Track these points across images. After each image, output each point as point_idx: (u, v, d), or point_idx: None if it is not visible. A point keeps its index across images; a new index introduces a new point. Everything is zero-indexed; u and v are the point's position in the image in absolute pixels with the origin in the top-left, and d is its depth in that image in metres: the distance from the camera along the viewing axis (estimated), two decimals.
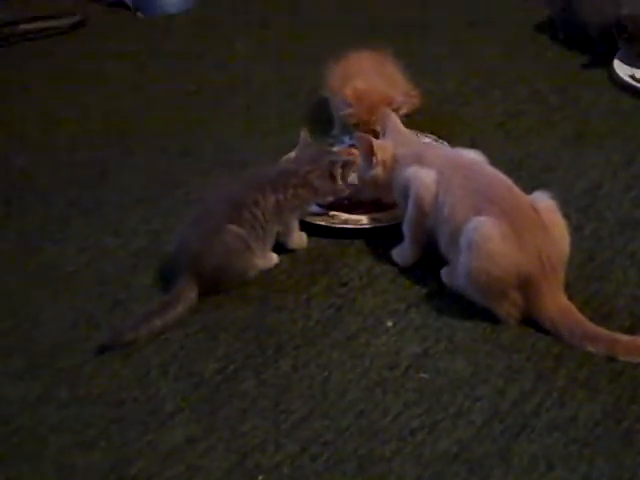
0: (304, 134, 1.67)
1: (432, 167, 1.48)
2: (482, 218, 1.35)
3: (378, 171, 1.57)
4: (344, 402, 1.29)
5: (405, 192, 1.51)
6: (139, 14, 2.79)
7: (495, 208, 1.36)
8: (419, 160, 1.52)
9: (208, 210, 1.54)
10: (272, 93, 2.24)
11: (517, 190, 1.42)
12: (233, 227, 1.50)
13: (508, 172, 1.74)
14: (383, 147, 1.57)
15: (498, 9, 2.55)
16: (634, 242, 1.55)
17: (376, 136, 1.71)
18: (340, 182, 1.59)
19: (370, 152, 1.57)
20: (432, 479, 1.16)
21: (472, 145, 1.84)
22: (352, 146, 1.86)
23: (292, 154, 1.74)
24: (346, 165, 1.60)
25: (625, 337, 1.31)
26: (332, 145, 1.89)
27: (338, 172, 1.59)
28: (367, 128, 1.81)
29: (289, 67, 2.35)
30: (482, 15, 2.53)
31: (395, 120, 1.65)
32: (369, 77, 1.88)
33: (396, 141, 1.60)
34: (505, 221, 1.34)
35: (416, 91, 2.01)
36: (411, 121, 1.93)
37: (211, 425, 1.27)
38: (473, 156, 1.52)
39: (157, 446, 1.25)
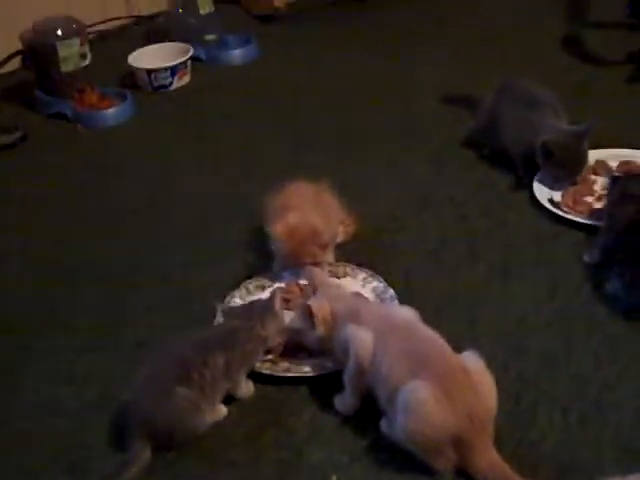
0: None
1: (369, 326, 1.60)
2: (417, 382, 1.46)
3: (320, 330, 1.67)
4: None
5: (345, 348, 1.62)
6: (79, 127, 2.86)
7: (429, 372, 1.48)
8: (356, 317, 1.63)
9: (158, 371, 1.62)
10: (213, 215, 2.32)
11: (449, 351, 1.54)
12: (182, 390, 1.58)
13: (441, 306, 1.89)
14: (321, 307, 1.68)
15: (428, 121, 2.68)
16: (557, 383, 1.68)
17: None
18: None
19: (310, 315, 1.67)
20: None
21: (406, 277, 2.00)
22: (292, 283, 1.97)
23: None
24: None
25: None
26: (271, 280, 1.99)
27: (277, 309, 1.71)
28: (298, 262, 1.94)
29: (229, 183, 2.46)
30: (413, 127, 2.66)
31: (321, 275, 1.78)
32: (304, 210, 1.99)
33: (330, 297, 1.71)
34: (438, 385, 1.46)
35: (351, 219, 2.14)
36: (346, 250, 2.06)
37: None
38: (406, 314, 1.64)
39: None
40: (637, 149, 2.35)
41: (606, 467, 1.48)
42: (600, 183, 2.24)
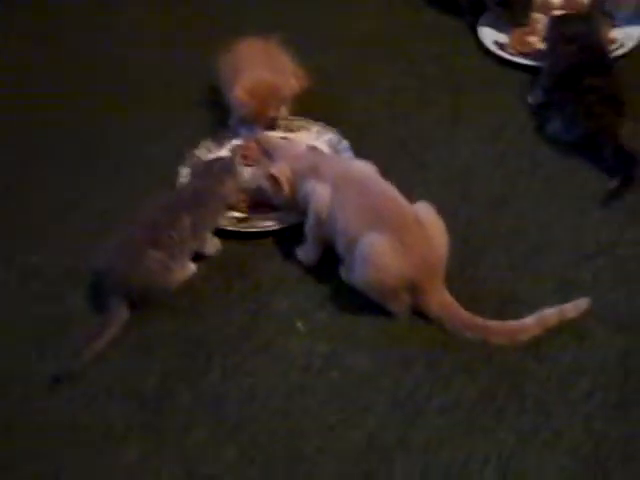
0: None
1: (327, 180, 1.69)
2: (374, 234, 1.58)
3: (286, 192, 1.76)
4: (270, 406, 1.53)
5: (306, 202, 1.72)
6: None
7: (384, 223, 1.59)
8: (315, 172, 1.72)
9: (129, 235, 1.71)
10: (167, 77, 2.34)
11: (403, 203, 1.65)
12: (153, 252, 1.68)
13: (394, 153, 1.99)
14: (282, 170, 1.76)
15: None
16: (502, 223, 1.80)
17: (273, 126, 1.96)
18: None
19: (276, 183, 1.76)
20: (349, 471, 1.43)
21: (359, 127, 2.07)
22: (248, 138, 2.04)
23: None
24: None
25: (495, 323, 1.58)
26: (229, 137, 2.06)
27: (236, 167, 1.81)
28: (264, 120, 2.00)
29: (183, 43, 2.45)
30: None
31: (274, 139, 1.87)
32: (257, 67, 2.03)
33: (288, 157, 1.79)
34: (393, 235, 1.57)
35: (302, 71, 2.17)
36: (301, 105, 2.11)
37: (159, 442, 1.49)
38: (364, 168, 1.73)
39: (111, 468, 1.47)
40: None
41: (545, 298, 1.62)
42: (544, 23, 2.28)
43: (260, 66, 2.03)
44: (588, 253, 1.71)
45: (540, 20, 2.29)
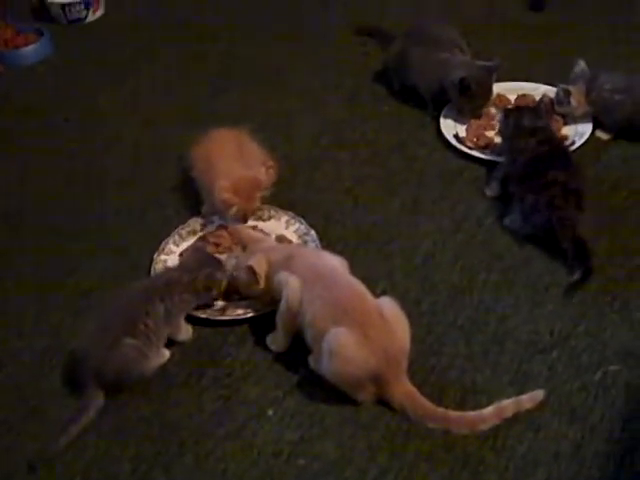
0: (200, 244, 1.97)
1: (298, 274, 1.78)
2: (339, 329, 1.66)
3: (262, 284, 1.85)
4: None
5: (279, 291, 1.80)
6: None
7: (349, 318, 1.68)
8: (289, 264, 1.81)
9: (106, 324, 1.78)
10: (141, 160, 2.44)
11: (368, 297, 1.74)
12: (129, 340, 1.74)
13: (358, 245, 2.08)
14: (259, 263, 1.84)
15: (338, 55, 2.81)
16: (462, 313, 1.90)
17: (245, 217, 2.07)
18: (216, 292, 1.87)
19: (253, 275, 1.84)
20: None
21: (326, 216, 2.17)
22: (221, 227, 2.13)
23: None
24: (221, 279, 1.87)
25: (455, 413, 1.66)
26: (203, 225, 2.14)
27: (215, 284, 1.86)
28: (249, 213, 2.10)
29: (157, 127, 2.55)
30: (324, 63, 2.78)
31: (248, 231, 1.96)
32: (232, 162, 2.12)
33: (264, 250, 1.88)
34: (357, 330, 1.66)
35: (272, 162, 2.27)
36: (269, 193, 2.19)
37: None
38: (333, 262, 1.82)
39: None
40: (534, 82, 2.53)
41: (503, 388, 1.72)
42: (499, 117, 2.41)
43: (234, 159, 2.12)
44: (543, 345, 1.81)
45: (496, 115, 2.42)
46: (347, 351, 1.65)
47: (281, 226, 2.13)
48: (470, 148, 2.34)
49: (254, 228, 2.09)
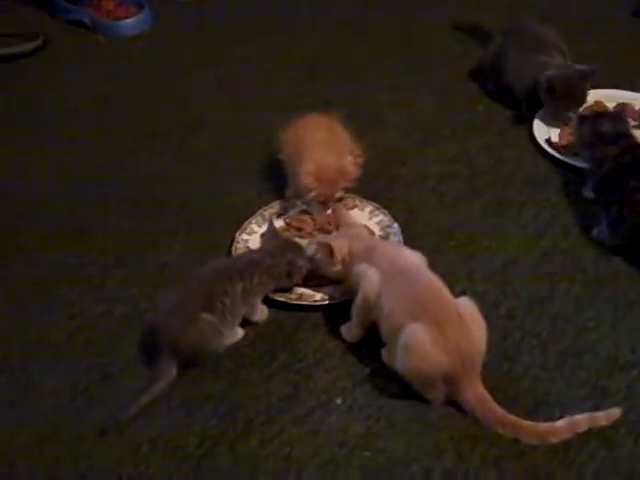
0: (273, 227, 1.97)
1: (379, 267, 1.77)
2: (416, 325, 1.65)
3: (338, 267, 1.85)
4: (303, 478, 1.60)
5: (357, 282, 1.80)
6: (99, 37, 2.93)
7: (427, 315, 1.66)
8: (369, 256, 1.81)
9: (185, 298, 1.80)
10: (229, 141, 2.45)
11: (447, 296, 1.72)
12: (206, 316, 1.76)
13: (440, 242, 2.06)
14: (340, 247, 1.84)
15: (433, 53, 2.78)
16: (541, 322, 1.86)
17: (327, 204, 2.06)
18: (296, 279, 1.87)
19: (330, 254, 1.84)
20: None
21: (409, 211, 2.15)
22: (304, 212, 2.13)
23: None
24: (302, 266, 1.87)
25: (527, 423, 1.63)
26: (286, 208, 2.15)
27: (296, 271, 1.86)
28: (331, 200, 2.09)
29: (245, 110, 2.57)
30: (418, 59, 2.76)
31: (346, 215, 1.94)
32: (320, 148, 2.11)
33: (349, 236, 1.88)
34: (434, 327, 1.64)
35: (359, 150, 2.26)
36: (354, 182, 2.18)
37: None
38: (413, 258, 1.81)
39: None
40: (635, 91, 2.46)
41: (578, 402, 1.68)
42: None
43: (323, 146, 2.11)
44: (623, 362, 1.76)
45: None
46: (423, 348, 1.64)
47: (365, 216, 2.13)
48: (561, 153, 2.30)
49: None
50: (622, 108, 2.37)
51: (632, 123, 2.27)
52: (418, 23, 2.94)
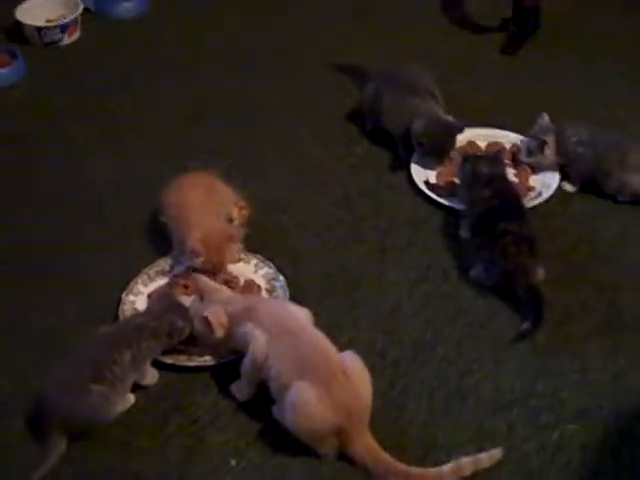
0: (164, 287, 1.98)
1: (264, 327, 1.80)
2: (302, 384, 1.69)
3: (219, 334, 1.86)
4: None
5: (243, 343, 1.82)
6: None
7: (313, 374, 1.71)
8: (251, 316, 1.83)
9: (73, 371, 1.78)
10: (111, 195, 2.42)
11: (332, 353, 1.77)
12: (96, 387, 1.75)
13: (325, 291, 2.10)
14: (217, 315, 1.86)
15: (316, 91, 2.82)
16: (425, 368, 1.93)
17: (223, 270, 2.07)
18: (176, 339, 1.88)
19: (210, 328, 1.86)
20: None
21: (295, 262, 2.18)
22: (190, 269, 2.13)
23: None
24: (183, 327, 1.88)
25: (416, 470, 1.69)
26: (171, 266, 2.15)
27: (176, 332, 1.87)
28: (218, 268, 2.09)
29: (128, 160, 2.55)
30: (302, 96, 2.80)
31: (207, 281, 1.97)
32: (203, 211, 2.13)
33: (222, 301, 1.89)
34: (320, 386, 1.69)
35: (244, 202, 2.28)
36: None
37: None
38: (299, 316, 1.85)
39: None
40: (506, 129, 2.56)
41: (464, 446, 1.75)
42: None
43: (206, 209, 2.13)
44: (504, 402, 1.85)
45: None
46: (309, 407, 1.68)
47: (250, 269, 2.15)
48: (439, 195, 2.37)
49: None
50: (500, 150, 2.47)
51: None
52: (304, 64, 2.97)
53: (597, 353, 1.95)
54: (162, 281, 2.11)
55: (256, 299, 1.99)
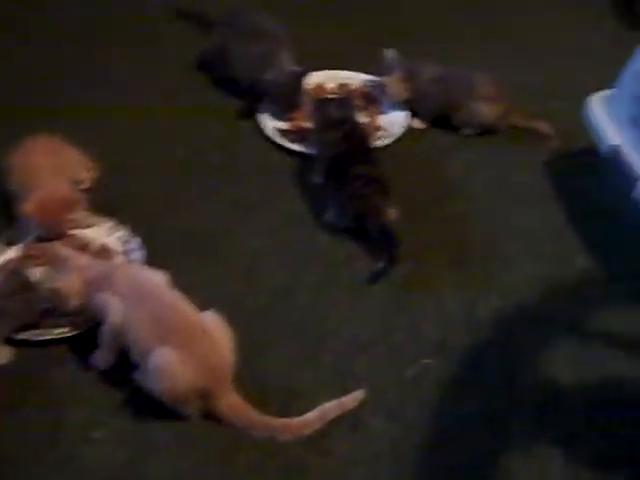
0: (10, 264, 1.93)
1: (120, 294, 1.77)
2: (163, 348, 1.67)
3: (75, 303, 1.82)
4: None
5: (100, 311, 1.79)
6: None
7: (173, 337, 1.69)
8: (108, 283, 1.79)
9: None
10: None
11: (191, 315, 1.75)
12: None
13: (183, 248, 2.07)
14: (70, 283, 1.81)
15: (167, 39, 2.74)
16: (287, 315, 1.94)
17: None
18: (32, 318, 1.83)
19: (64, 298, 1.81)
20: None
21: (150, 221, 2.14)
22: (40, 238, 2.06)
23: None
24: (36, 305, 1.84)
25: (281, 421, 1.71)
26: (19, 237, 2.07)
27: (30, 309, 1.82)
28: (57, 230, 2.04)
29: None
30: (141, 51, 2.72)
31: (59, 249, 1.90)
32: (47, 175, 2.06)
33: (79, 267, 1.84)
34: (182, 348, 1.68)
35: (91, 163, 2.22)
36: (90, 195, 2.14)
37: None
38: (154, 279, 1.82)
39: None
40: (354, 71, 2.57)
41: (328, 391, 1.77)
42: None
43: (50, 174, 2.06)
44: (364, 342, 1.88)
45: None
46: (172, 370, 1.67)
47: (104, 233, 2.10)
48: (291, 141, 2.37)
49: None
50: (350, 91, 2.47)
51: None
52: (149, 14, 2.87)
53: (450, 286, 2.01)
54: (12, 253, 2.04)
55: (111, 265, 1.94)
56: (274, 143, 2.37)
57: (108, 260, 2.01)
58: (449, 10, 2.85)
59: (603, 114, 2.18)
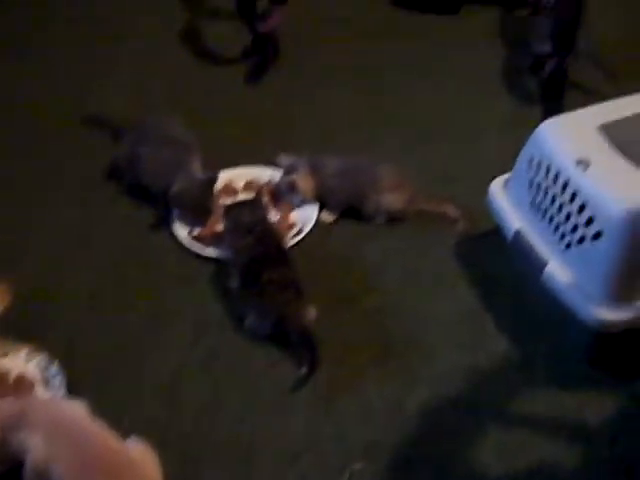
0: None
1: (39, 431, 1.73)
2: None
3: None
4: None
5: (22, 451, 1.74)
6: None
7: (98, 471, 1.67)
8: (24, 422, 1.75)
9: None
10: None
11: (115, 445, 1.74)
12: None
13: (104, 369, 2.06)
14: None
15: (73, 148, 2.73)
16: (214, 432, 1.93)
17: None
18: None
19: None
20: None
21: (69, 340, 2.12)
22: None
23: None
24: None
25: None
26: None
27: None
28: None
29: None
30: (51, 162, 2.70)
31: None
32: None
33: None
34: None
35: (2, 287, 2.17)
36: (4, 322, 2.08)
37: None
38: (74, 411, 1.80)
39: None
40: (261, 166, 2.60)
41: None
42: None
43: None
44: (295, 452, 1.89)
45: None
46: None
47: (21, 361, 2.06)
48: (207, 246, 2.36)
49: None
50: (259, 190, 2.49)
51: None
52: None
53: (374, 383, 2.03)
54: None
55: (27, 400, 1.90)
56: (189, 251, 2.37)
57: (27, 391, 1.97)
58: (352, 100, 2.90)
59: (504, 198, 2.25)
